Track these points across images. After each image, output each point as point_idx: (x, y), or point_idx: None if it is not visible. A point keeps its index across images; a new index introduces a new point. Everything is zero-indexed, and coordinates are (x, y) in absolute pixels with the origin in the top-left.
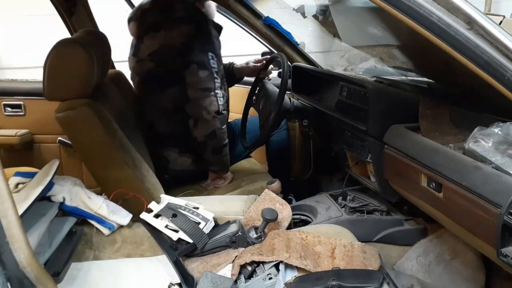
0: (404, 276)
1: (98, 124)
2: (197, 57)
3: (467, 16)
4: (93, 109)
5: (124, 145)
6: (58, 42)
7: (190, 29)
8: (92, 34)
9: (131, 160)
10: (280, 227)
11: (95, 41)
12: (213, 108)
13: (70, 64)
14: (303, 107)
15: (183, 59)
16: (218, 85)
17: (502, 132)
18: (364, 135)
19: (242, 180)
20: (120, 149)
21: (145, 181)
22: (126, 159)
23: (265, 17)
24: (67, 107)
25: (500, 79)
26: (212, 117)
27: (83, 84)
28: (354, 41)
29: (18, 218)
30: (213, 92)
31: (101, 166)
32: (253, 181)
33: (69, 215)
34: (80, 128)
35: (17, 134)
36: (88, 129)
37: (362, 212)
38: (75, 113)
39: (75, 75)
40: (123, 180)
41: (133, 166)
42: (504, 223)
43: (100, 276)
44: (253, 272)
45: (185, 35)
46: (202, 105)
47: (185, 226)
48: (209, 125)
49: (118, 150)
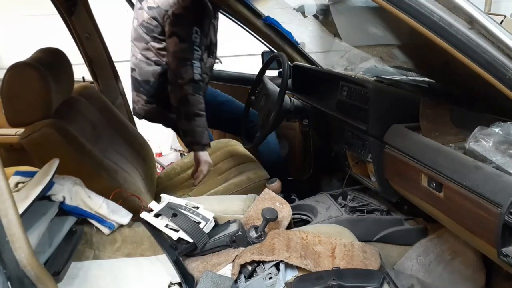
0: (404, 276)
1: (63, 142)
2: (181, 31)
3: (468, 16)
4: (56, 128)
5: (95, 158)
6: (10, 67)
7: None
8: (48, 53)
9: (104, 171)
10: (280, 226)
11: (51, 59)
12: (187, 75)
13: (24, 88)
14: (303, 107)
15: (169, 27)
16: (197, 56)
17: (503, 131)
18: (364, 135)
19: (230, 172)
20: (90, 162)
21: (125, 189)
22: (99, 171)
23: (266, 17)
24: (30, 131)
25: (501, 79)
26: (185, 83)
27: (42, 105)
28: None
29: (19, 217)
30: (189, 62)
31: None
32: (241, 172)
33: (69, 215)
34: (47, 149)
35: (17, 134)
36: (54, 148)
37: (362, 211)
38: (38, 135)
39: (32, 97)
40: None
41: (107, 177)
42: (504, 222)
43: (100, 276)
44: (253, 272)
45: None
46: (175, 70)
47: (185, 226)
48: (182, 90)
49: (88, 163)
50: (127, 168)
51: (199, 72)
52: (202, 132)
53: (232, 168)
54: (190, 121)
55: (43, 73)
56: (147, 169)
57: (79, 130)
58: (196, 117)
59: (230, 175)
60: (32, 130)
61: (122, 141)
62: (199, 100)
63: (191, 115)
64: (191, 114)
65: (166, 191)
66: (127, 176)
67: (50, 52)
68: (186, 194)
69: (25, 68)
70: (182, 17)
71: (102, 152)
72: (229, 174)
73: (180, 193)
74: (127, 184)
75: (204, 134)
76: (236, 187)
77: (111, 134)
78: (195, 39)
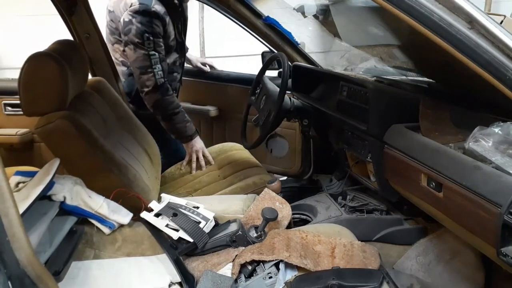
0: (403, 276)
1: (77, 135)
2: (132, 39)
3: (468, 16)
4: (71, 120)
5: (107, 153)
6: (29, 57)
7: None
8: (66, 45)
9: (116, 167)
10: (280, 226)
11: (69, 52)
12: (150, 83)
13: (42, 78)
14: (303, 107)
15: (123, 36)
16: (155, 60)
17: (502, 131)
18: (364, 135)
19: (235, 176)
20: (103, 157)
21: (134, 186)
22: (110, 167)
23: (266, 17)
24: (45, 122)
25: (501, 79)
26: (150, 91)
27: (58, 97)
28: (354, 41)
29: (19, 217)
30: (150, 69)
31: (86, 175)
32: (246, 176)
33: (70, 214)
34: (60, 141)
35: (17, 133)
36: (68, 141)
37: (362, 211)
38: (53, 126)
39: (49, 88)
40: (110, 187)
41: (119, 173)
42: (504, 222)
43: (100, 275)
44: (253, 271)
45: (126, 13)
46: (139, 81)
47: (185, 225)
48: (150, 97)
49: (100, 158)
50: (134, 165)
51: (161, 76)
52: (183, 127)
53: (237, 172)
54: (169, 121)
55: (62, 64)
56: (153, 167)
57: (92, 124)
58: (172, 117)
59: (235, 179)
60: (47, 120)
61: (130, 138)
62: (170, 100)
63: (167, 116)
64: (167, 115)
65: (169, 190)
66: (136, 173)
67: (68, 44)
68: (190, 195)
69: (45, 59)
70: (130, 24)
71: (112, 147)
72: (234, 178)
73: (184, 193)
74: (137, 181)
75: (185, 128)
76: (242, 191)
77: (120, 130)
78: (149, 44)
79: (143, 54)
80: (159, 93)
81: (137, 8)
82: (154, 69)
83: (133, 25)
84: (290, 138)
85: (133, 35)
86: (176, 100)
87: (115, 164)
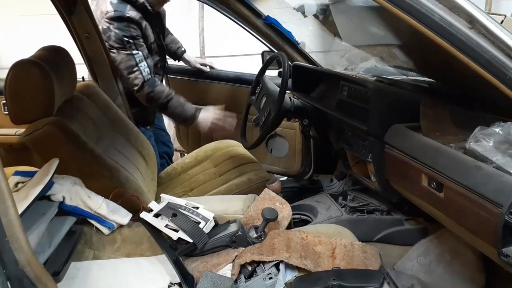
0: (404, 276)
1: (65, 141)
2: (114, 44)
3: (469, 15)
4: (58, 126)
5: (97, 157)
6: (13, 65)
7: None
8: (52, 51)
9: (107, 171)
10: (280, 226)
11: (55, 58)
12: (138, 81)
13: (27, 86)
14: (303, 107)
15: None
16: (140, 58)
17: (503, 131)
18: (364, 135)
19: (231, 173)
20: (93, 161)
21: (126, 189)
22: (101, 170)
23: (266, 16)
24: (32, 129)
25: (501, 78)
26: (140, 88)
27: (44, 104)
28: (354, 41)
29: (18, 217)
30: (136, 67)
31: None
32: (241, 173)
33: (69, 215)
34: (49, 147)
35: (16, 133)
36: (56, 146)
37: (362, 211)
38: (41, 133)
39: (34, 95)
40: (102, 190)
41: (110, 176)
42: (505, 223)
43: (99, 276)
44: (253, 272)
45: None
46: (129, 81)
47: (185, 226)
48: (142, 93)
49: (90, 162)
50: (128, 168)
51: (148, 73)
52: (181, 111)
53: (233, 169)
54: (166, 109)
55: (46, 71)
56: (148, 169)
57: (81, 129)
58: (168, 104)
59: (231, 176)
60: (35, 128)
61: (123, 140)
62: (161, 90)
63: (163, 105)
64: (162, 104)
65: (166, 191)
66: (128, 176)
67: (54, 50)
68: (186, 195)
69: (29, 66)
70: (109, 31)
71: (104, 151)
72: (230, 175)
73: (180, 193)
74: (129, 183)
75: (184, 111)
76: (237, 188)
77: (112, 133)
78: (130, 47)
79: (127, 55)
80: (148, 87)
81: (113, 15)
82: (140, 67)
83: (111, 32)
84: (290, 138)
85: (113, 41)
86: (166, 88)
87: (106, 168)
